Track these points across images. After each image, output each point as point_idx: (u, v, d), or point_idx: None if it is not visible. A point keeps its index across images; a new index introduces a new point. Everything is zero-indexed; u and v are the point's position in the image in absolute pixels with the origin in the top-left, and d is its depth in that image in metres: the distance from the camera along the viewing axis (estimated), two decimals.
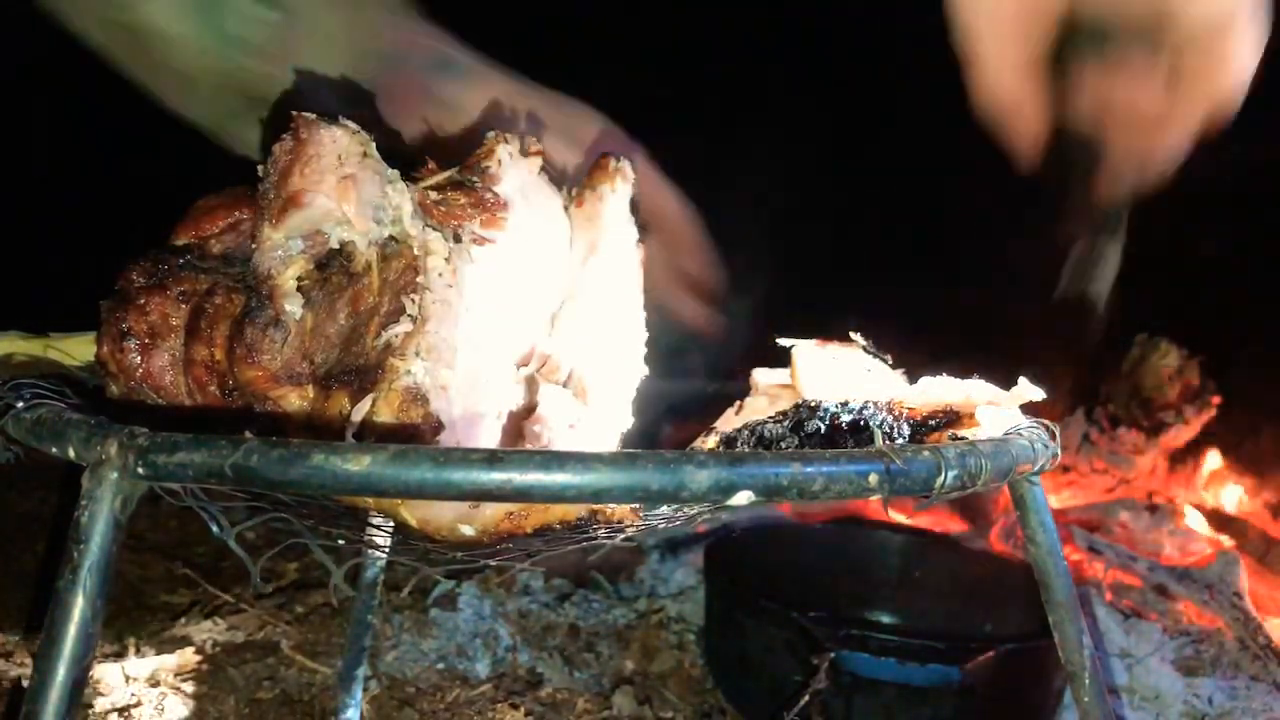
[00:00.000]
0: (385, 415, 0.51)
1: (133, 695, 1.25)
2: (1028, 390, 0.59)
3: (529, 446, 0.62)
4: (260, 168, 0.58)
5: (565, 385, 0.67)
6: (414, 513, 0.51)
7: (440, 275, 0.55)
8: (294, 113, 0.57)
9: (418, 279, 0.54)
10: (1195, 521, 2.02)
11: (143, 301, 0.56)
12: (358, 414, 0.52)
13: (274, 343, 0.54)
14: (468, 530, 0.52)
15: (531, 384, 0.66)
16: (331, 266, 0.56)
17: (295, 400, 0.54)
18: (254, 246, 0.57)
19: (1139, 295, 2.37)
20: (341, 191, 0.55)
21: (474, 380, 0.58)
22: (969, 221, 2.53)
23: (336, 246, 0.56)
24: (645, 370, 0.74)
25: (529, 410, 0.64)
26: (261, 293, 0.55)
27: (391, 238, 0.56)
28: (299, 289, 0.56)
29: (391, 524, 0.55)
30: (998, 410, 0.59)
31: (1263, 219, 2.24)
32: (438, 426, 0.52)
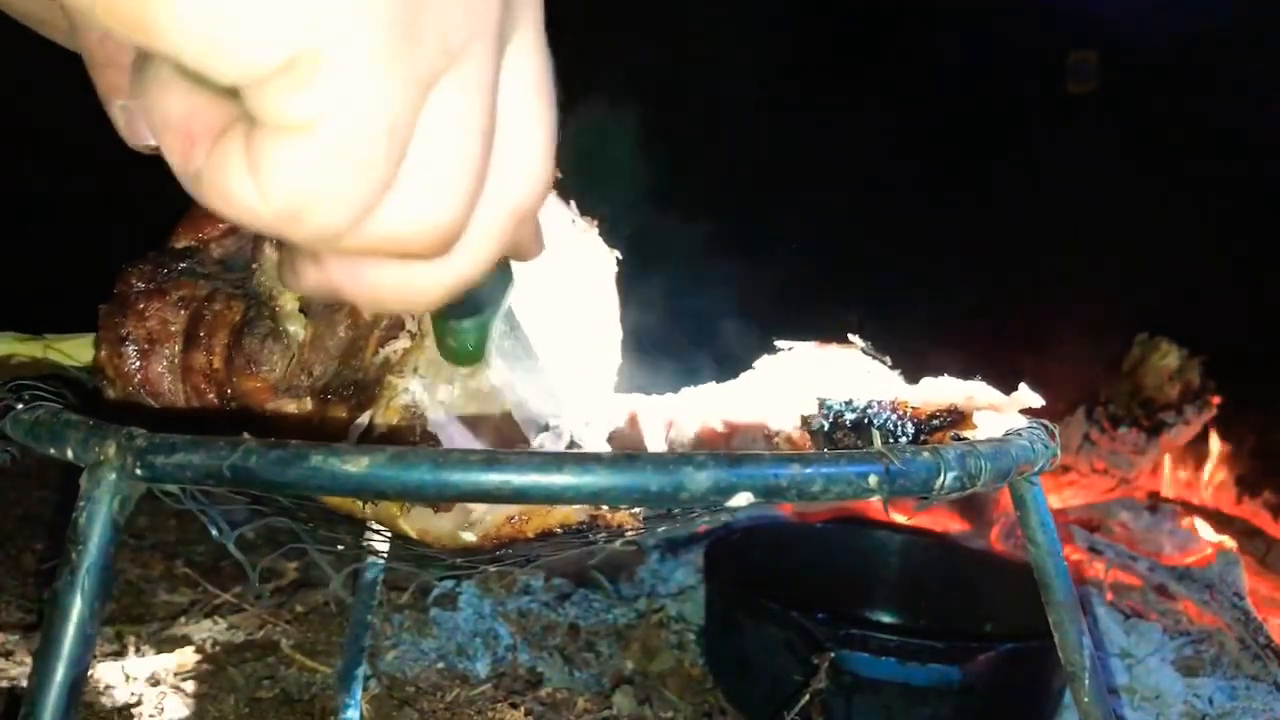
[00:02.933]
0: (383, 431, 0.51)
1: (133, 695, 1.25)
2: (1028, 396, 0.59)
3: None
4: None
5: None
6: (413, 524, 0.51)
7: None
8: None
9: None
10: (1195, 521, 2.02)
11: (141, 307, 0.56)
12: (355, 431, 0.52)
13: (273, 354, 0.54)
14: (469, 536, 0.52)
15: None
16: None
17: (293, 413, 0.54)
18: (255, 267, 0.56)
19: (1139, 295, 2.38)
20: None
21: (473, 395, 0.57)
22: (969, 224, 2.53)
23: None
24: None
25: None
26: (264, 313, 0.55)
27: None
28: (300, 308, 0.56)
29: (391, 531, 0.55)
30: (998, 413, 0.59)
31: (1263, 218, 2.24)
32: (435, 444, 0.52)
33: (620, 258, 0.73)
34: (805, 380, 0.62)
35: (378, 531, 0.58)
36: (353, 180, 0.31)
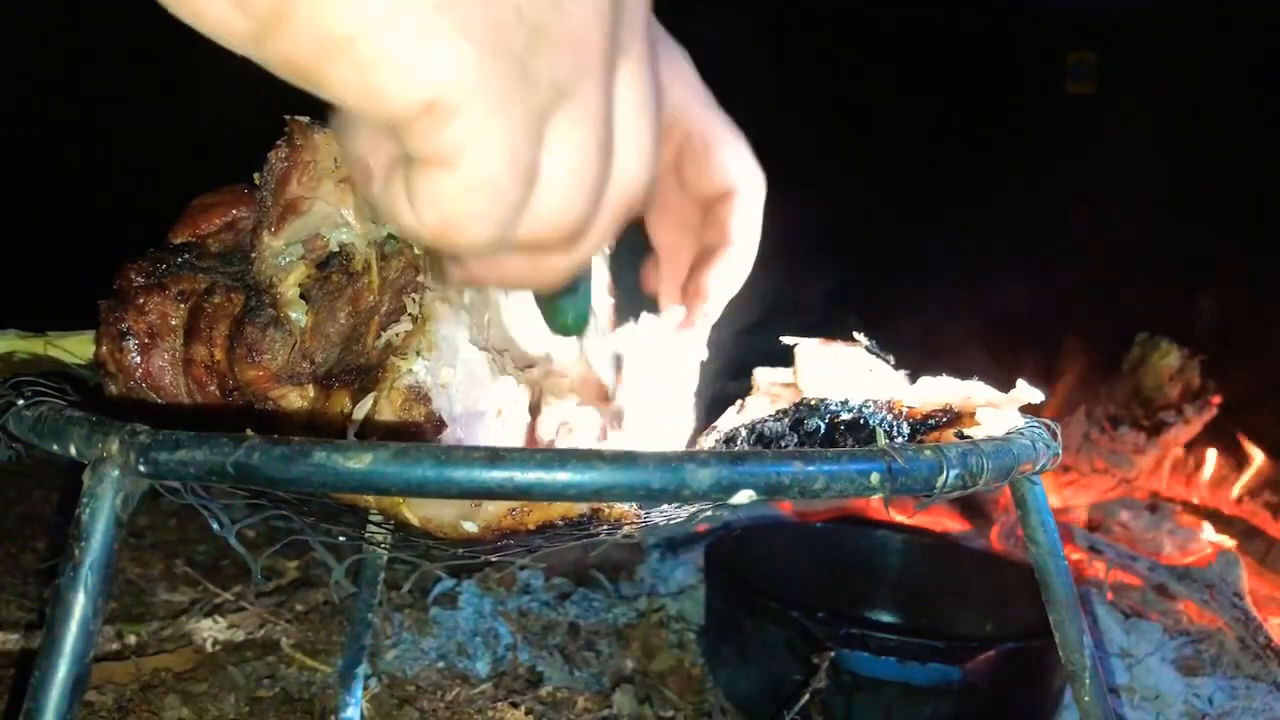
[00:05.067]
0: (387, 414, 0.51)
1: (133, 694, 1.25)
2: (1026, 392, 0.59)
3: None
4: (256, 175, 0.59)
5: (575, 385, 0.66)
6: (415, 511, 0.51)
7: None
8: (287, 117, 0.57)
9: (418, 278, 0.54)
10: (1195, 521, 2.02)
11: (141, 301, 0.56)
12: (359, 413, 0.52)
13: (274, 342, 0.54)
14: (470, 527, 0.52)
15: (535, 384, 0.66)
16: (331, 266, 0.56)
17: (296, 400, 0.54)
18: (254, 255, 0.57)
19: (1139, 295, 2.38)
20: (340, 195, 0.56)
21: (476, 378, 0.58)
22: (967, 222, 2.53)
23: (336, 249, 0.57)
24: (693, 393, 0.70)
25: (533, 410, 0.64)
26: (264, 302, 0.55)
27: (391, 236, 0.56)
28: (300, 294, 0.56)
29: (392, 522, 0.55)
30: (998, 411, 0.59)
31: (1264, 218, 2.24)
32: (440, 425, 0.52)
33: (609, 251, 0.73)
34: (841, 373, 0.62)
35: (380, 524, 0.58)
36: (490, 202, 0.37)
